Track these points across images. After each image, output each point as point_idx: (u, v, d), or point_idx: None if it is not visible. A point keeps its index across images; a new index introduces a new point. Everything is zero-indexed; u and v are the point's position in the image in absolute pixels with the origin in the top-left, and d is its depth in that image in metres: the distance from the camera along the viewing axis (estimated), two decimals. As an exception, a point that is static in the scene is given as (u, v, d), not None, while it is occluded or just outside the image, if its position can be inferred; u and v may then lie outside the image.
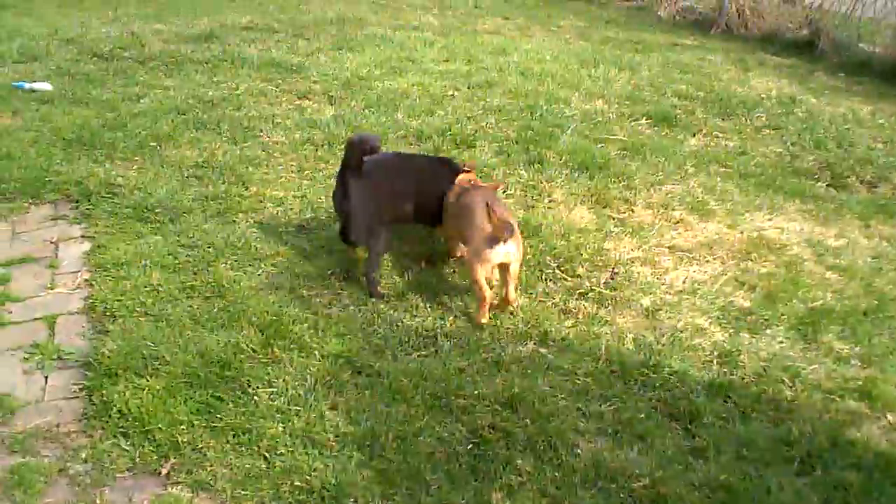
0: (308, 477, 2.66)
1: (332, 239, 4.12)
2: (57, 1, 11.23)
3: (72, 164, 4.88)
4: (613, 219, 4.61)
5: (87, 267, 3.86)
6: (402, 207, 3.94)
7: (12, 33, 8.41)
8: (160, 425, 2.82)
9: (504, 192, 4.60)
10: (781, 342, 3.60)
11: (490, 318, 3.53)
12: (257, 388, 3.02)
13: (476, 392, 3.07)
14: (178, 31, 8.71)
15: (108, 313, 3.46)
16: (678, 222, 4.63)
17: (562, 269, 4.01)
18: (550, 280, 3.93)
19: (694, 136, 6.26)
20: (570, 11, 12.13)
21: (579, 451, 2.86)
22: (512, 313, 3.61)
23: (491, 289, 3.54)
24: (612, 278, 3.96)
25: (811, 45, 10.19)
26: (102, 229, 4.18)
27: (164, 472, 2.67)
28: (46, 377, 3.12)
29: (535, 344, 3.43)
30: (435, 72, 7.26)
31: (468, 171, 3.99)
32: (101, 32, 8.46)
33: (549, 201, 4.76)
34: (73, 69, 6.98)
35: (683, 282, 4.01)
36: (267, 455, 2.75)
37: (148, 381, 3.01)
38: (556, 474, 2.75)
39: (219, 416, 2.90)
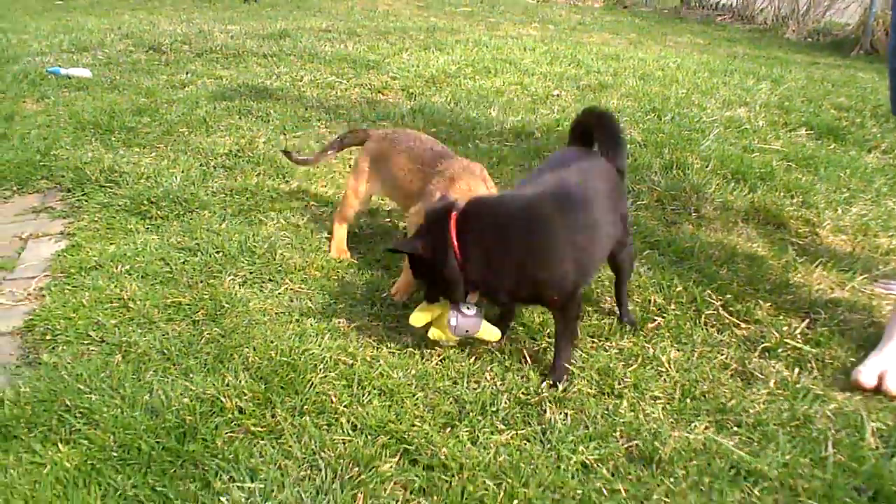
0: None
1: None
2: (132, 5, 10.70)
3: (77, 149, 3.86)
4: (794, 244, 3.22)
5: (47, 272, 2.75)
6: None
7: (71, 28, 7.72)
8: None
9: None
10: None
11: (624, 374, 2.20)
12: (230, 481, 1.76)
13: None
14: (251, 30, 7.86)
15: (48, 337, 2.32)
16: (888, 253, 3.21)
17: (729, 309, 2.65)
18: (713, 326, 2.58)
19: (870, 152, 4.81)
20: (687, 31, 10.82)
21: None
22: (660, 371, 2.27)
23: None
24: (811, 327, 2.58)
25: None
26: (87, 225, 3.09)
27: None
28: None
29: (707, 426, 2.06)
30: (536, 73, 6.05)
31: None
32: (166, 30, 7.67)
33: (698, 217, 3.41)
34: (123, 59, 6.12)
35: (923, 339, 2.57)
36: None
37: (57, 450, 1.82)
38: None
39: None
